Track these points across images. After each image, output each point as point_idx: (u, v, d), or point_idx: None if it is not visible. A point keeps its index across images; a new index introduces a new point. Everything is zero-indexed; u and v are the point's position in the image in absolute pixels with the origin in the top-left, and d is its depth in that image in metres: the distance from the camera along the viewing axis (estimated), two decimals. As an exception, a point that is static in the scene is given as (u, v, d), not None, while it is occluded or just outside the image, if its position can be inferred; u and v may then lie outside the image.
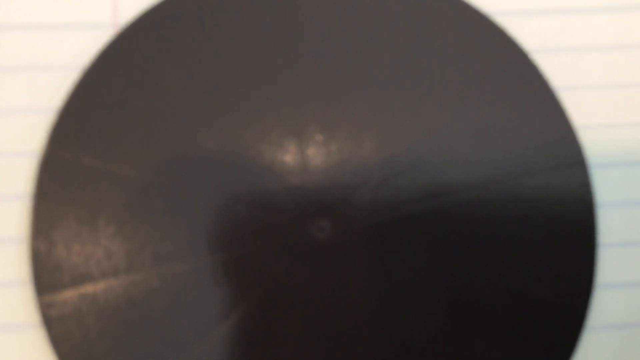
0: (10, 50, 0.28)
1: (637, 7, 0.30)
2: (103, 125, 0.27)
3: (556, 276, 0.28)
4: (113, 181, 0.27)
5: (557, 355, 0.28)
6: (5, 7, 0.28)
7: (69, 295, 0.27)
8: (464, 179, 0.28)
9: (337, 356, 0.27)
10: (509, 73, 0.28)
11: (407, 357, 0.27)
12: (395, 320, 0.27)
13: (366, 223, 0.28)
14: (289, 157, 0.28)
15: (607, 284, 0.29)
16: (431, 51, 0.29)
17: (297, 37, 0.28)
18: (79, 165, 0.27)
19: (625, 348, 0.28)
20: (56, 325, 0.27)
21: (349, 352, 0.27)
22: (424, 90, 0.28)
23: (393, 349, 0.27)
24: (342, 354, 0.27)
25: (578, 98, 0.29)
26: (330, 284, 0.27)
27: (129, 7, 0.28)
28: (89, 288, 0.27)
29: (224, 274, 0.27)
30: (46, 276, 0.27)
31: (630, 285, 0.29)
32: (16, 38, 0.28)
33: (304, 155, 0.28)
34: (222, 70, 0.28)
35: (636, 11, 0.29)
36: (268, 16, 0.28)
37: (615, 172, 0.29)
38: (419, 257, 0.28)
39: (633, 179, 0.29)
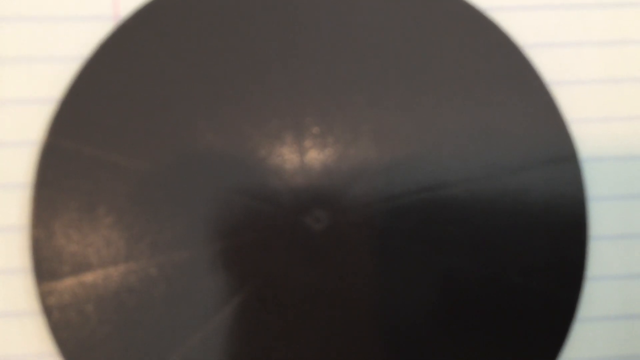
0: (12, 42, 0.28)
1: (629, 3, 0.30)
2: (103, 116, 0.28)
3: (548, 268, 0.28)
4: (113, 171, 0.28)
5: (548, 346, 0.28)
6: (7, -1, 0.29)
7: (68, 283, 0.27)
8: (458, 172, 0.28)
9: (332, 344, 0.28)
10: (503, 68, 0.29)
11: (401, 344, 0.28)
12: (389, 309, 0.28)
13: (362, 214, 0.28)
14: (286, 149, 0.28)
15: (598, 276, 0.29)
16: (426, 46, 0.29)
17: (296, 32, 0.29)
18: (79, 155, 0.28)
19: (615, 338, 0.29)
20: (56, 313, 0.27)
21: (345, 340, 0.28)
22: (419, 84, 0.29)
23: (388, 337, 0.28)
24: (337, 342, 0.28)
25: (571, 92, 0.29)
26: (326, 274, 0.28)
27: (129, 0, 0.29)
28: (89, 276, 0.27)
29: (222, 264, 0.28)
30: (46, 264, 0.27)
31: (621, 277, 0.29)
32: (18, 30, 0.28)
33: (301, 147, 0.28)
34: (221, 63, 0.28)
35: (629, 7, 0.30)
36: (267, 10, 0.29)
37: (607, 165, 0.29)
38: (413, 248, 0.28)
39: (624, 173, 0.29)
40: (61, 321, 0.27)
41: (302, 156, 0.28)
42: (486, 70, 0.29)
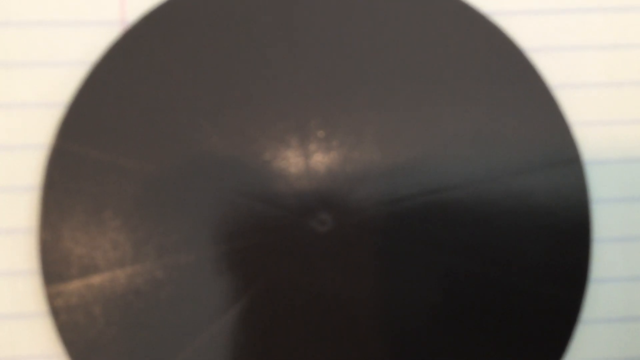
0: (21, 47, 0.29)
1: (632, 7, 0.30)
2: (110, 120, 0.28)
3: (552, 270, 0.28)
4: (120, 174, 0.28)
5: (552, 347, 0.28)
6: (16, 4, 0.29)
7: (75, 285, 0.27)
8: (462, 175, 0.28)
9: (337, 345, 0.28)
10: (506, 71, 0.29)
11: (405, 346, 0.28)
12: (393, 311, 0.28)
13: (366, 217, 0.28)
14: (291, 152, 0.28)
15: (602, 279, 0.29)
16: (430, 49, 0.29)
17: (300, 36, 0.29)
18: (87, 159, 0.28)
19: (618, 341, 0.29)
20: (63, 315, 0.27)
21: (349, 341, 0.28)
22: (422, 88, 0.29)
23: (392, 338, 0.28)
24: (341, 343, 0.28)
25: (574, 96, 0.29)
26: (331, 277, 0.28)
27: (136, 5, 0.29)
28: (96, 278, 0.28)
29: (227, 266, 0.28)
30: (54, 266, 0.27)
31: (624, 279, 0.29)
32: (27, 34, 0.29)
33: (306, 151, 0.28)
34: (227, 67, 0.29)
35: (631, 11, 0.30)
36: (271, 14, 0.29)
37: (610, 168, 0.29)
38: (417, 250, 0.28)
39: (627, 175, 0.29)
40: (68, 323, 0.27)
41: (307, 159, 0.28)
42: (490, 73, 0.29)
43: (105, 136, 0.28)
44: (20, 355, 0.28)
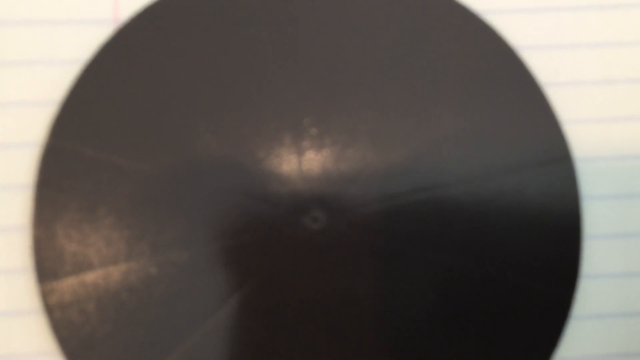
0: (14, 45, 0.29)
1: (622, 4, 0.30)
2: (104, 118, 0.28)
3: (543, 267, 0.28)
4: (113, 172, 0.28)
5: (543, 343, 0.28)
6: (9, 3, 0.29)
7: (69, 282, 0.27)
8: (454, 173, 0.29)
9: (331, 342, 0.28)
10: (497, 69, 0.29)
11: (398, 343, 0.28)
12: (387, 308, 0.28)
13: (359, 214, 0.28)
14: (284, 149, 0.29)
15: (592, 275, 0.29)
16: (422, 48, 0.29)
17: (294, 34, 0.29)
18: (80, 156, 0.28)
19: (609, 337, 0.29)
20: (57, 312, 0.27)
21: (343, 338, 0.28)
22: (415, 86, 0.29)
23: (385, 336, 0.28)
24: (336, 340, 0.28)
25: (565, 94, 0.30)
26: (324, 274, 0.28)
27: (130, 4, 0.29)
28: (89, 276, 0.28)
29: (221, 263, 0.28)
30: (47, 264, 0.27)
31: (615, 275, 0.29)
32: (20, 33, 0.29)
33: (299, 148, 0.29)
34: (220, 66, 0.29)
35: (623, 8, 0.30)
36: (265, 12, 0.29)
37: (600, 165, 0.29)
38: (410, 247, 0.28)
39: (617, 172, 0.29)
40: (62, 320, 0.27)
41: (300, 157, 0.29)
42: (481, 72, 0.29)
43: (99, 134, 0.28)
44: (14, 353, 0.28)
